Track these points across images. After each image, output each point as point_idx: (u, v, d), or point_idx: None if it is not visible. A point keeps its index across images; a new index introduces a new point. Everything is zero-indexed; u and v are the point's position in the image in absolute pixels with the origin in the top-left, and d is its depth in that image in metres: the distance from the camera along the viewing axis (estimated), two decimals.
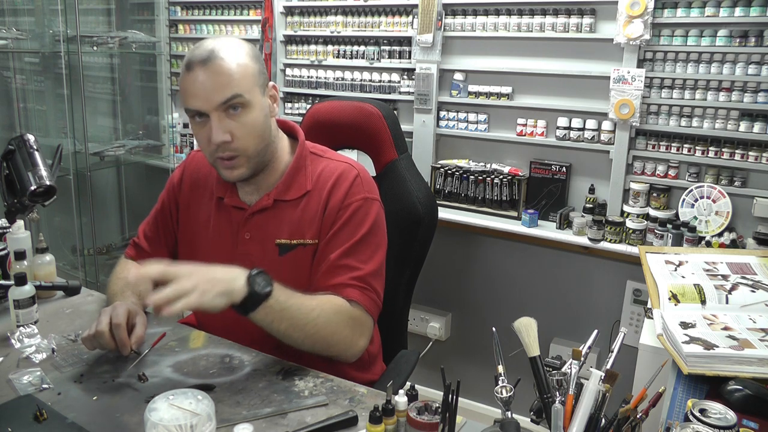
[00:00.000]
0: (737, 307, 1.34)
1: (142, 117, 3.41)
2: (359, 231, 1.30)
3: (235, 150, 1.24)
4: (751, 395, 1.04)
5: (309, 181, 1.34)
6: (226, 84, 1.19)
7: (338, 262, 1.28)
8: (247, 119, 1.23)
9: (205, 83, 1.19)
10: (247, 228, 1.35)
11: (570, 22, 2.29)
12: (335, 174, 1.34)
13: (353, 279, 1.27)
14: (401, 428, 0.99)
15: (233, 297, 1.09)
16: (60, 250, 3.03)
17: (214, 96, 1.19)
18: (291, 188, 1.34)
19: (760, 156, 2.03)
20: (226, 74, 1.20)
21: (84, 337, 1.20)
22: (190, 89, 1.21)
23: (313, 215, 1.32)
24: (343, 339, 1.24)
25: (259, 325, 1.16)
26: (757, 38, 1.99)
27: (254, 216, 1.35)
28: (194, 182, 1.45)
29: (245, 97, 1.22)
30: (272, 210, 1.34)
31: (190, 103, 1.22)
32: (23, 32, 2.78)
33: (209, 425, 0.88)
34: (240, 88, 1.20)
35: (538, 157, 2.45)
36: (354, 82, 2.77)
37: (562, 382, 0.91)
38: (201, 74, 1.19)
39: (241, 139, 1.23)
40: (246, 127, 1.23)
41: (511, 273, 2.58)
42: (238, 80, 1.20)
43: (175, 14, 3.25)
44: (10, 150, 1.36)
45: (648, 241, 2.19)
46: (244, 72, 1.22)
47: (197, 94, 1.20)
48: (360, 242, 1.29)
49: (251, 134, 1.24)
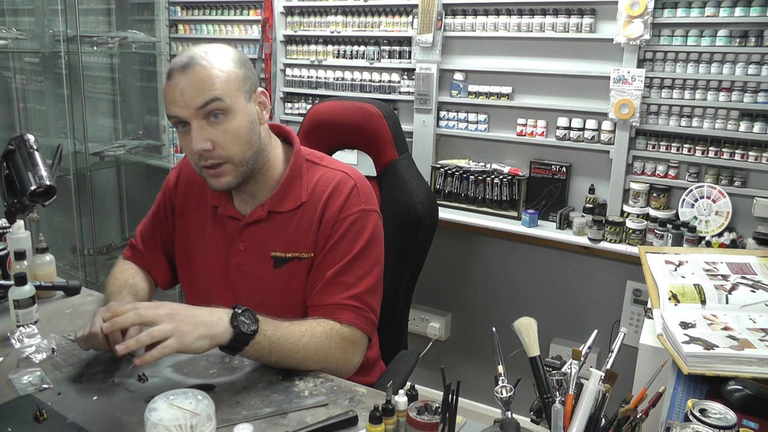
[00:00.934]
0: (737, 307, 1.34)
1: (142, 117, 3.41)
2: (356, 245, 1.27)
3: (219, 157, 1.20)
4: (751, 395, 1.04)
5: (304, 192, 1.31)
6: (204, 88, 1.16)
7: (334, 279, 1.25)
8: (229, 126, 1.19)
9: (184, 89, 1.16)
10: (242, 239, 1.33)
11: (570, 22, 2.29)
12: (331, 184, 1.30)
13: (349, 298, 1.24)
14: (401, 428, 0.99)
15: (217, 340, 1.06)
16: (60, 250, 3.03)
17: (192, 101, 1.16)
18: (285, 199, 1.31)
19: (760, 156, 2.03)
20: (205, 79, 1.16)
21: (78, 338, 1.18)
22: (169, 96, 1.18)
23: (307, 228, 1.29)
24: (336, 360, 1.21)
25: (249, 359, 1.15)
26: (757, 38, 1.99)
27: (249, 227, 1.32)
28: (190, 187, 1.43)
29: (226, 102, 1.17)
30: (266, 221, 1.31)
31: (170, 110, 1.18)
32: (23, 32, 2.78)
33: (209, 425, 0.88)
34: (219, 92, 1.16)
35: (538, 157, 2.45)
36: (354, 82, 2.77)
37: (562, 382, 0.91)
38: (181, 80, 1.16)
39: (224, 147, 1.19)
40: (228, 134, 1.19)
41: (511, 273, 2.58)
42: (217, 85, 1.16)
43: (175, 14, 3.25)
44: (10, 150, 1.36)
45: (648, 241, 2.19)
46: (226, 77, 1.18)
47: (175, 100, 1.17)
48: (357, 257, 1.26)
49: (234, 142, 1.20)
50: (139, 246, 1.47)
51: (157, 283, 1.47)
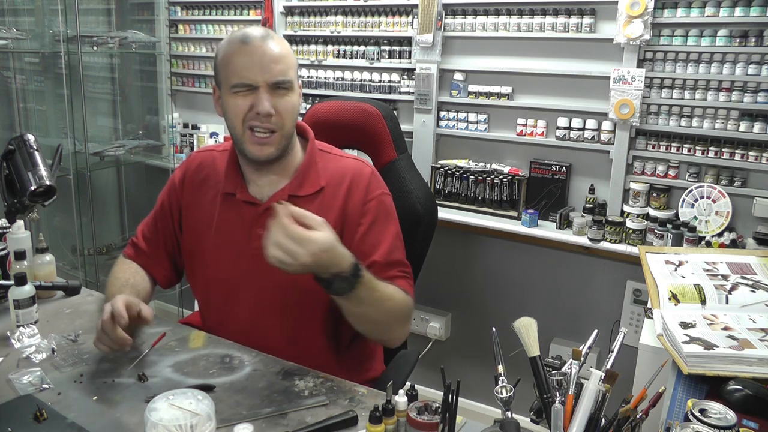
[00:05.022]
0: (737, 307, 1.34)
1: (142, 117, 3.41)
2: (391, 225, 1.38)
3: (275, 124, 1.28)
4: (751, 395, 1.04)
5: (322, 178, 1.37)
6: (282, 62, 1.27)
7: (388, 259, 1.34)
8: (290, 100, 1.29)
9: (264, 57, 1.25)
10: (261, 223, 1.34)
11: (570, 22, 2.29)
12: (350, 171, 1.38)
13: (401, 271, 1.35)
14: (401, 428, 0.99)
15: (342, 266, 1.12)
16: (60, 250, 3.03)
17: (271, 72, 1.25)
18: (304, 184, 1.36)
19: (760, 156, 2.03)
20: (285, 54, 1.28)
21: (94, 341, 1.22)
22: (246, 61, 1.25)
23: (328, 210, 1.34)
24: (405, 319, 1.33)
25: (352, 301, 1.17)
26: (757, 38, 1.99)
27: (268, 211, 1.35)
28: (196, 182, 1.45)
29: (292, 80, 1.29)
30: None
31: (243, 74, 1.25)
32: (23, 32, 2.78)
33: (209, 425, 0.88)
34: (290, 74, 1.28)
35: (538, 157, 2.45)
36: (354, 82, 2.77)
37: (562, 382, 0.91)
38: (260, 48, 1.25)
39: (282, 116, 1.28)
40: (288, 105, 1.29)
41: (511, 273, 2.58)
42: (290, 62, 1.29)
43: (175, 14, 3.25)
44: (10, 150, 1.36)
45: (648, 241, 2.19)
46: (293, 60, 1.31)
47: (253, 66, 1.24)
48: (396, 237, 1.38)
49: (290, 114, 1.30)
50: (140, 244, 1.48)
51: (157, 282, 1.48)
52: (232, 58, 1.27)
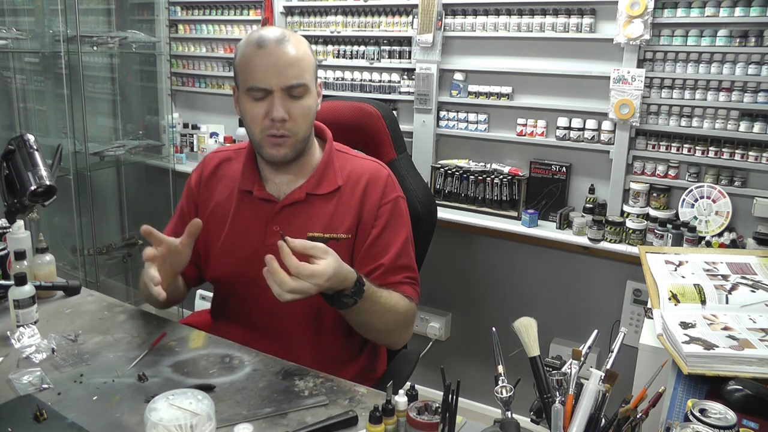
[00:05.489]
0: (737, 307, 1.34)
1: (142, 117, 3.40)
2: (403, 230, 1.40)
3: (289, 130, 1.30)
4: (751, 395, 1.04)
5: (339, 177, 1.40)
6: (297, 67, 1.28)
7: (396, 263, 1.36)
8: (304, 104, 1.31)
9: (278, 62, 1.26)
10: (277, 220, 1.38)
11: (570, 22, 2.29)
12: (368, 173, 1.41)
13: (407, 278, 1.38)
14: (401, 428, 0.99)
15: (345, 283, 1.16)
16: (60, 250, 3.03)
17: (284, 76, 1.26)
18: (322, 183, 1.39)
19: (760, 156, 2.03)
20: (301, 58, 1.29)
21: (142, 290, 1.30)
22: (261, 65, 1.26)
23: (345, 210, 1.37)
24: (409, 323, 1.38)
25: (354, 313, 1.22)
26: (757, 38, 1.99)
27: (285, 209, 1.38)
28: (213, 181, 1.48)
29: (308, 84, 1.30)
30: (304, 203, 1.38)
31: (257, 78, 1.26)
32: (23, 32, 2.78)
33: (209, 425, 0.88)
34: (305, 77, 1.29)
35: (538, 157, 2.45)
36: (354, 82, 2.77)
37: (562, 382, 0.91)
38: (275, 52, 1.26)
39: (296, 121, 1.30)
40: (303, 110, 1.30)
41: (511, 273, 2.58)
42: (306, 66, 1.30)
43: (175, 14, 3.25)
44: (10, 150, 1.36)
45: (648, 241, 2.19)
46: (309, 62, 1.32)
47: (267, 70, 1.26)
48: (406, 241, 1.40)
49: (305, 118, 1.32)
50: None
51: (186, 282, 1.50)
52: (248, 61, 1.28)
